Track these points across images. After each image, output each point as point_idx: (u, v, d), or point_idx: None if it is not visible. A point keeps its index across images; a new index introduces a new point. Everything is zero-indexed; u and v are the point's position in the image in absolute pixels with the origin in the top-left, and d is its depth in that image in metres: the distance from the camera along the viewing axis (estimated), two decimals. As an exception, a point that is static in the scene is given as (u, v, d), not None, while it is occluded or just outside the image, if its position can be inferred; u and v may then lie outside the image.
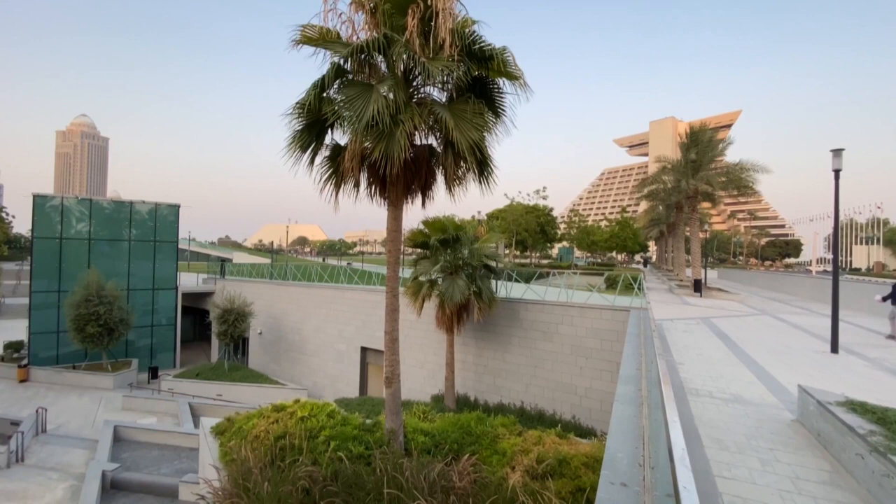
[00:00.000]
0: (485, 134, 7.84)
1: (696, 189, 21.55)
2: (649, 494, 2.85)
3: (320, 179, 7.99)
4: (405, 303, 12.83)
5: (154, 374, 24.15)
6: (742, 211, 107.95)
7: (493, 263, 15.00)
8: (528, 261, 71.84)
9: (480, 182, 8.39)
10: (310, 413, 7.49)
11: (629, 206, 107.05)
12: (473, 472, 6.45)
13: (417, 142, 8.01)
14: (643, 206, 38.20)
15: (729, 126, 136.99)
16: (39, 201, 25.19)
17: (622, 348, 9.22)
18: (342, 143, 7.96)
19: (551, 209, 62.51)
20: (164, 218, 28.40)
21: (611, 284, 22.77)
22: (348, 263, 41.00)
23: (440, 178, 8.69)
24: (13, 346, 24.33)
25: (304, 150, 7.46)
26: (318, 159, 8.14)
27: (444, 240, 13.53)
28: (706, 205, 27.45)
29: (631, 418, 4.44)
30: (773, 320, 13.52)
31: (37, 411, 15.04)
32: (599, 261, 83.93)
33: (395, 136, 6.86)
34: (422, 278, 14.00)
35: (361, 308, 20.24)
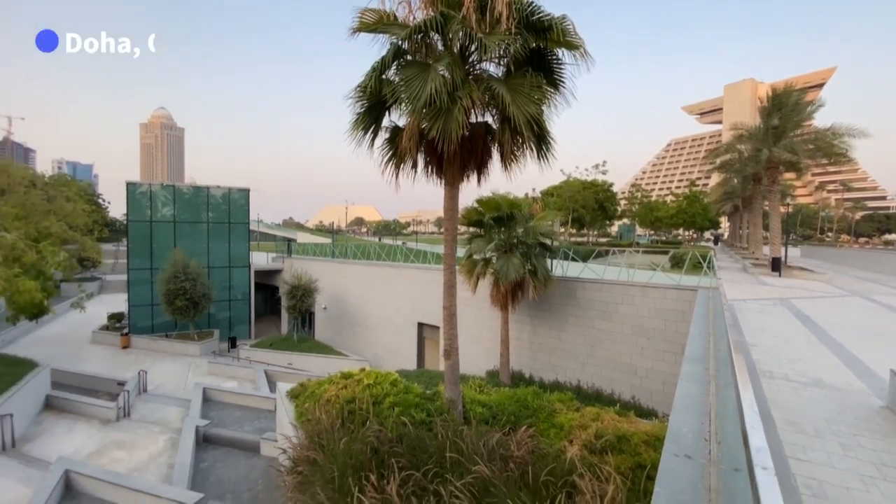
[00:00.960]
0: (543, 107, 7.70)
1: (778, 158, 19.62)
2: (715, 467, 2.85)
3: (381, 161, 8.28)
4: (460, 280, 13.10)
5: (233, 343, 26.60)
6: (833, 182, 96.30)
7: (549, 241, 14.78)
8: (585, 239, 69.42)
9: (539, 157, 8.28)
10: (375, 381, 8.01)
11: (698, 179, 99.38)
12: (531, 442, 6.63)
13: (473, 120, 8.04)
14: (715, 178, 35.40)
15: (820, 86, 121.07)
16: (131, 188, 28.05)
17: (687, 329, 8.85)
18: (400, 124, 8.17)
19: (611, 184, 59.44)
20: (235, 201, 30.58)
21: (676, 263, 21.63)
22: (403, 243, 42.15)
23: (496, 157, 8.70)
24: (116, 317, 27.68)
25: (365, 132, 7.74)
26: (377, 141, 8.42)
27: (498, 217, 13.51)
28: (789, 175, 24.86)
29: (696, 396, 4.35)
30: (866, 302, 12.24)
31: (138, 373, 17.20)
32: (664, 238, 79.31)
33: (452, 114, 6.93)
34: (476, 256, 14.15)
35: (418, 285, 20.85)
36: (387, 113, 8.23)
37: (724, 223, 71.01)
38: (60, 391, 14.96)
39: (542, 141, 8.28)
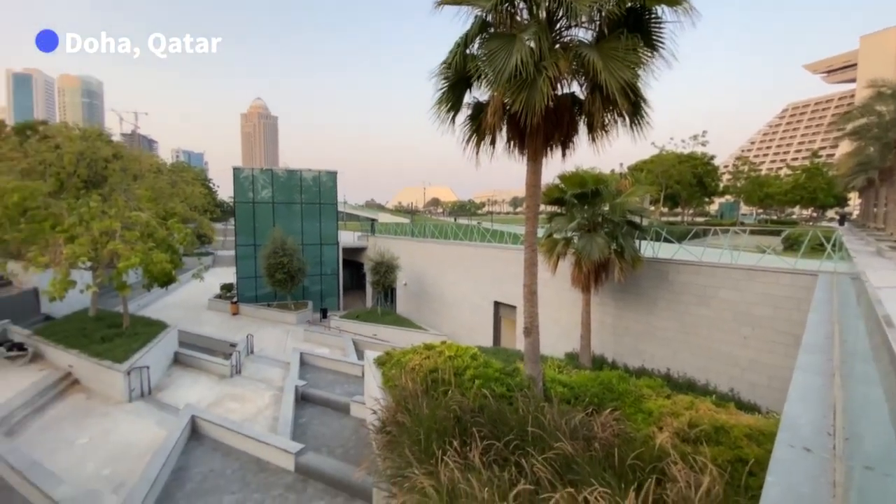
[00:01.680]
0: (639, 72, 7.12)
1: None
2: (841, 463, 2.54)
3: (462, 138, 8.27)
4: (539, 260, 12.81)
5: (324, 314, 28.91)
6: None
7: (638, 219, 13.85)
8: (679, 218, 63.40)
9: (632, 127, 7.72)
10: (455, 353, 8.24)
11: (822, 149, 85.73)
12: (616, 425, 6.41)
13: (559, 91, 7.69)
14: (844, 147, 30.18)
15: None
16: (237, 172, 31.20)
17: (802, 318, 7.85)
18: (483, 99, 8.06)
19: (711, 157, 53.12)
20: (324, 183, 32.69)
21: (791, 245, 19.09)
22: (479, 223, 42.17)
23: (582, 130, 8.27)
24: (226, 288, 31.37)
25: (448, 110, 7.76)
26: (459, 118, 8.41)
27: (581, 194, 12.90)
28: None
29: (817, 388, 3.87)
30: None
31: (246, 337, 19.44)
32: (774, 217, 70.16)
33: (536, 86, 6.69)
34: (556, 235, 13.71)
35: (494, 265, 20.83)
36: (469, 90, 8.17)
37: (854, 200, 60.83)
38: (185, 349, 17.46)
39: (636, 109, 7.70)
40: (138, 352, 13.63)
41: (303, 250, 29.13)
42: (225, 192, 67.60)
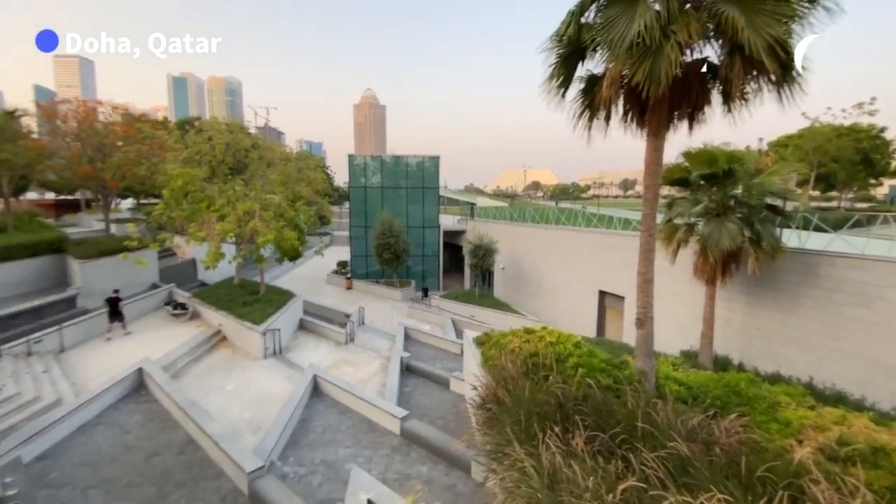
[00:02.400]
0: (793, 26, 6.04)
1: None
2: None
3: (573, 115, 7.84)
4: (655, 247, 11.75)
5: (425, 293, 30.25)
6: None
7: (780, 203, 11.94)
8: (835, 203, 52.40)
9: (779, 93, 6.61)
10: (557, 340, 8.02)
11: None
12: (743, 433, 5.72)
13: (688, 57, 6.86)
14: None
15: None
16: (351, 159, 33.71)
17: None
18: (597, 72, 7.52)
19: (882, 129, 43.04)
20: (427, 169, 33.75)
21: None
22: (583, 207, 40.03)
23: (715, 99, 7.30)
24: (342, 265, 34.37)
25: (559, 84, 7.39)
26: (570, 94, 7.97)
27: (710, 175, 11.47)
28: None
29: None
30: None
31: (359, 309, 21.17)
32: (970, 205, 55.14)
33: (662, 53, 6.06)
34: (677, 221, 12.43)
35: (601, 252, 19.69)
36: (581, 62, 7.68)
37: None
38: (308, 316, 19.63)
39: (786, 72, 6.54)
40: (272, 316, 15.72)
41: (407, 232, 30.52)
42: (340, 177, 73.66)
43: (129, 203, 43.52)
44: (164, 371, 11.60)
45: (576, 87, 7.85)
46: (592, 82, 7.45)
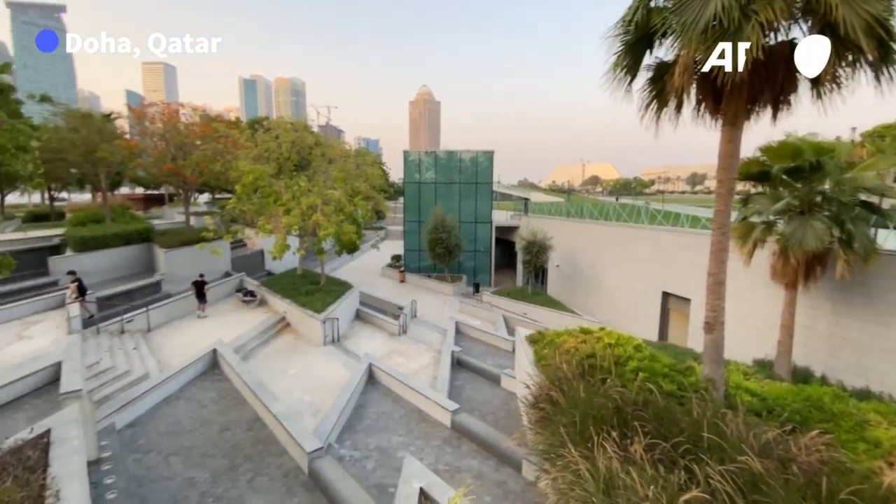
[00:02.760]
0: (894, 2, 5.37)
1: None
2: None
3: (640, 105, 7.43)
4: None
5: (476, 288, 30.29)
6: None
7: (876, 201, 10.64)
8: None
9: (877, 76, 5.89)
10: (616, 341, 7.70)
11: None
12: (824, 451, 5.20)
13: (770, 40, 6.27)
14: None
15: None
16: (406, 155, 34.35)
17: None
18: (667, 58, 7.06)
19: None
20: (481, 164, 33.62)
21: None
22: (646, 203, 37.93)
23: (802, 85, 6.62)
24: (395, 258, 35.25)
25: (626, 73, 7.04)
26: (636, 83, 7.55)
27: (794, 168, 10.45)
28: None
29: None
30: None
31: (411, 302, 21.63)
32: None
33: (742, 34, 5.59)
34: (754, 219, 11.44)
35: (665, 250, 18.62)
36: (649, 49, 7.25)
37: None
38: (364, 307, 20.34)
39: (885, 53, 5.82)
40: (331, 305, 16.46)
41: (459, 228, 30.71)
42: (395, 173, 75.26)
43: (205, 197, 47.28)
44: (236, 353, 12.54)
45: (643, 76, 7.44)
46: (661, 70, 7.02)
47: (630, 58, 6.99)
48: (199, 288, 16.99)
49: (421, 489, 5.55)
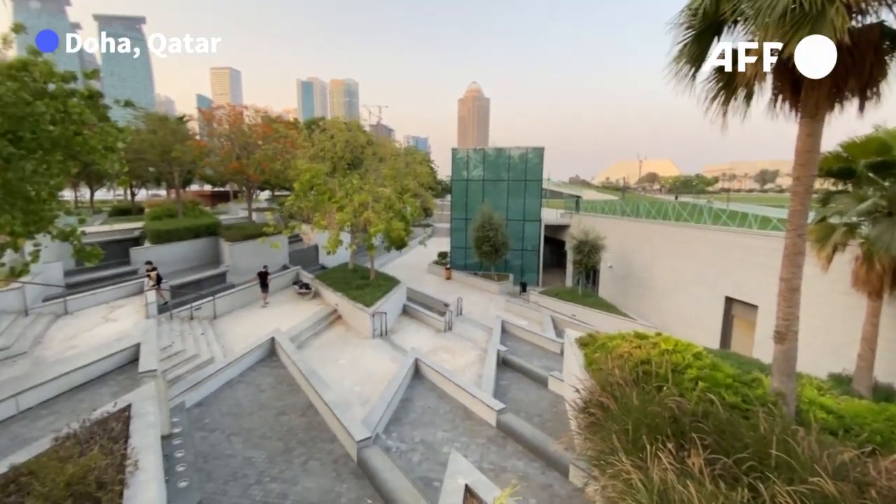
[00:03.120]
0: None
1: None
2: None
3: (705, 98, 6.99)
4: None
5: (523, 288, 29.87)
6: None
7: None
8: None
9: None
10: (674, 348, 7.32)
11: None
12: (915, 480, 4.66)
13: (856, 23, 5.70)
14: None
15: None
16: (454, 153, 34.44)
17: None
18: (736, 47, 6.58)
19: None
20: (530, 160, 33.02)
21: None
22: (709, 201, 35.56)
23: (893, 71, 5.97)
24: (442, 255, 35.51)
25: (690, 64, 6.64)
26: (701, 74, 7.10)
27: (881, 164, 9.42)
28: None
29: None
30: None
31: (457, 300, 21.73)
32: None
33: (824, 18, 5.10)
34: (834, 220, 10.43)
35: (729, 253, 17.43)
36: (717, 38, 6.79)
37: None
38: (410, 303, 20.70)
39: None
40: (380, 299, 16.91)
41: (507, 226, 30.36)
42: (442, 171, 75.70)
43: (266, 194, 50.02)
44: (291, 342, 13.20)
45: (709, 67, 6.98)
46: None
47: (696, 47, 6.59)
48: (263, 278, 18.19)
49: (466, 486, 5.59)
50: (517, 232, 32.65)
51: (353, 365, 13.22)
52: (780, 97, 6.42)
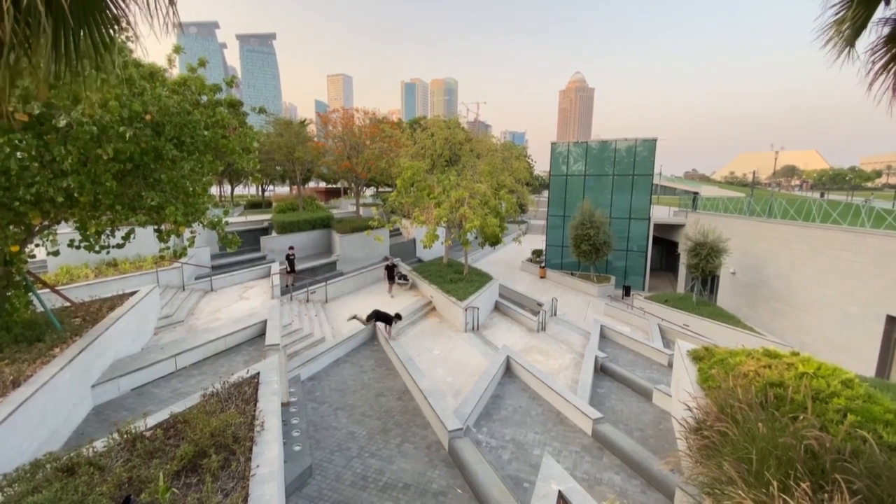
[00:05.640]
0: None
1: None
2: None
3: (867, 72, 5.75)
4: None
5: (627, 292, 27.82)
6: None
7: None
8: None
9: None
10: (816, 371, 6.21)
11: None
12: None
13: None
14: None
15: None
16: (553, 147, 33.22)
17: None
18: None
19: None
20: (640, 153, 30.48)
21: None
22: (866, 200, 29.30)
23: None
24: (537, 253, 34.61)
25: (852, 31, 5.51)
26: (860, 45, 5.84)
27: None
28: None
29: None
30: None
31: (552, 300, 21.01)
32: None
33: None
34: None
35: (894, 262, 14.29)
36: (885, 2, 5.52)
37: None
38: (502, 300, 20.56)
39: None
40: (473, 294, 17.10)
41: (610, 224, 28.57)
42: (540, 166, 73.61)
43: (371, 191, 53.55)
44: (390, 330, 13.98)
45: (874, 35, 5.71)
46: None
47: (858, 11, 5.43)
48: (390, 272, 20.06)
49: (560, 493, 5.39)
50: (621, 231, 30.50)
51: (446, 356, 13.56)
52: None
